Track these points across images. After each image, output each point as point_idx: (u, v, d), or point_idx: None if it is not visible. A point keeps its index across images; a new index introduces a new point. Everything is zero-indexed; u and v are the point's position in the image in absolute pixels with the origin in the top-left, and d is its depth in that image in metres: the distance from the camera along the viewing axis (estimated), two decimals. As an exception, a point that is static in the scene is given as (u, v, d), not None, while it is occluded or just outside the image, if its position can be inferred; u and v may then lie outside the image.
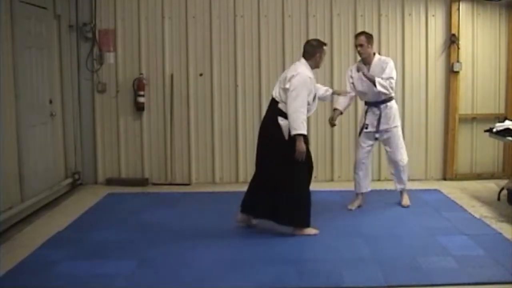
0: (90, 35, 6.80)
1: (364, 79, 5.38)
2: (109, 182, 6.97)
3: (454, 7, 6.87)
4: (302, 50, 4.97)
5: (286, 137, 4.72)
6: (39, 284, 3.88)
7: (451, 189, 6.51)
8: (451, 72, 6.91)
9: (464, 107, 7.01)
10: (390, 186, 6.26)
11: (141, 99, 6.83)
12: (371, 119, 5.55)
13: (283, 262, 4.20)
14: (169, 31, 6.90)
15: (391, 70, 5.35)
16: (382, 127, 5.53)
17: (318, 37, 6.81)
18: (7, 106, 5.16)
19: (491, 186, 6.56)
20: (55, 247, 4.62)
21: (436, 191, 6.45)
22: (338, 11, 6.91)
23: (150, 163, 7.04)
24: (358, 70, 5.46)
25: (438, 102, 7.00)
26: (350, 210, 5.70)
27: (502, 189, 5.98)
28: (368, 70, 5.40)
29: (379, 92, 5.34)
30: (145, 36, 6.89)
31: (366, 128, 5.56)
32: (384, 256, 4.28)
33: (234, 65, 6.93)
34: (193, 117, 6.97)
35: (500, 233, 4.83)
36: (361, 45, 5.36)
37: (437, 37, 6.94)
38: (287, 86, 4.71)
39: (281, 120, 4.74)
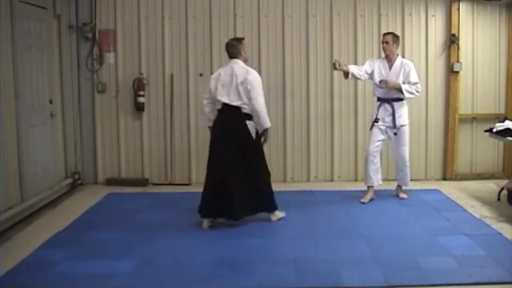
0: (90, 35, 6.80)
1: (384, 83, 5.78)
2: (109, 182, 6.97)
3: (454, 7, 6.87)
4: (226, 52, 5.19)
5: (254, 137, 5.09)
6: (39, 284, 3.88)
7: (451, 189, 6.50)
8: (451, 72, 6.90)
9: (464, 107, 7.01)
10: (390, 186, 6.27)
11: (141, 99, 6.84)
12: (382, 115, 5.84)
13: (283, 262, 4.20)
14: (169, 31, 6.90)
15: (416, 74, 5.82)
16: (392, 123, 5.80)
17: (318, 37, 6.90)
18: (7, 106, 5.16)
19: (491, 186, 6.56)
20: (55, 247, 4.62)
21: (436, 191, 6.44)
22: (338, 11, 6.91)
23: (150, 163, 7.04)
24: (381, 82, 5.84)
25: (438, 102, 7.00)
26: (363, 203, 5.87)
27: (502, 189, 5.98)
28: (390, 67, 5.82)
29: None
30: (145, 36, 6.89)
31: (377, 122, 5.84)
32: (384, 256, 4.28)
33: (234, 65, 6.93)
34: (193, 117, 6.97)
35: (500, 233, 4.83)
36: (387, 42, 5.83)
37: (437, 37, 6.94)
38: (249, 87, 4.94)
39: (249, 124, 5.05)
